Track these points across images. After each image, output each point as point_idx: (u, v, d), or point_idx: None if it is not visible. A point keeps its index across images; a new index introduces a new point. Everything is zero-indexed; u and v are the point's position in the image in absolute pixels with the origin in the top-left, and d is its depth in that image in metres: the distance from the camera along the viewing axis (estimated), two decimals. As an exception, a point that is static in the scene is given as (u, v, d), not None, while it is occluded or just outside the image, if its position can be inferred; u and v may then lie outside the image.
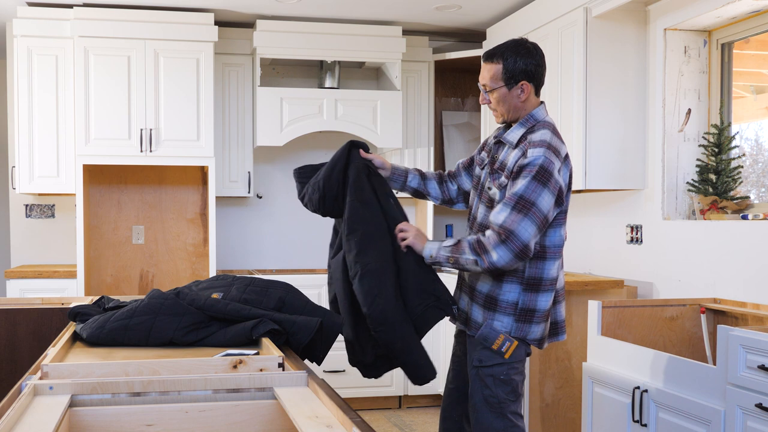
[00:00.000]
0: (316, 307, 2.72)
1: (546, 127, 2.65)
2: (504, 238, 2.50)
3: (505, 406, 2.69)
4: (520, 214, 2.50)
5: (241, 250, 5.65)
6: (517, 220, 2.49)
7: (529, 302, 2.65)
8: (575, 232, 4.81)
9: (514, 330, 2.66)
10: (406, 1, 4.85)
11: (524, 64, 2.67)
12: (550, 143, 2.58)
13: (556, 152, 2.58)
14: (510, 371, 2.69)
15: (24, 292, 4.74)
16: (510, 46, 2.70)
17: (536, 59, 2.69)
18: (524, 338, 2.67)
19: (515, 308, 2.66)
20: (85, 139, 4.84)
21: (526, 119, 2.70)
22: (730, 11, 3.65)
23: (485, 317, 2.70)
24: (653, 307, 3.54)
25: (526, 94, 2.69)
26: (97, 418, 1.73)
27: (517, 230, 2.49)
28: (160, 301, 2.48)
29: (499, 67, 2.68)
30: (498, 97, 2.71)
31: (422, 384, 2.79)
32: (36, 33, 4.90)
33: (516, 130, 2.70)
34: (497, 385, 2.69)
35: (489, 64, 2.71)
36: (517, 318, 2.66)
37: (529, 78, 2.68)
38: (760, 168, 4.06)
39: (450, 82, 5.86)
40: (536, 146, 2.57)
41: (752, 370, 2.64)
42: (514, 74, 2.66)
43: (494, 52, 2.71)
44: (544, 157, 2.53)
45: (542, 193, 2.51)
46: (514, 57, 2.66)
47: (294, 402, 1.72)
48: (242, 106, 5.36)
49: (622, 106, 4.16)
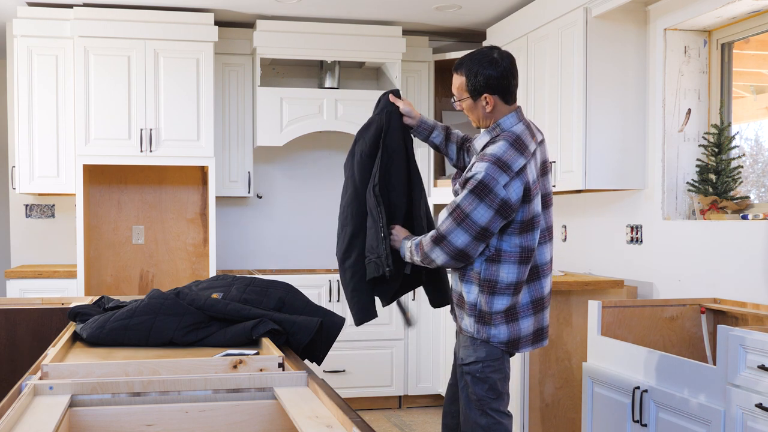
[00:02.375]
0: (316, 307, 2.72)
1: (506, 138, 2.66)
2: (437, 241, 2.65)
3: (485, 404, 2.73)
4: (454, 222, 2.62)
5: (241, 250, 5.65)
6: (451, 228, 2.62)
7: (485, 304, 2.69)
8: (575, 232, 4.81)
9: (476, 332, 2.72)
10: (406, 1, 4.85)
11: (485, 78, 2.69)
12: (500, 157, 2.61)
13: (505, 166, 2.60)
14: (485, 369, 2.73)
15: (24, 292, 4.74)
16: (475, 57, 2.72)
17: (499, 70, 2.69)
18: (488, 340, 2.71)
19: (475, 309, 2.72)
20: (85, 139, 4.84)
21: (492, 128, 2.74)
22: (730, 11, 3.65)
23: (458, 315, 2.81)
24: (653, 307, 3.54)
25: (491, 105, 2.72)
26: (97, 418, 1.73)
27: (449, 236, 2.63)
28: (160, 301, 2.48)
29: (463, 79, 2.74)
30: (466, 107, 2.78)
31: (356, 324, 2.90)
32: (36, 33, 4.90)
33: (481, 137, 2.76)
34: (475, 383, 2.74)
35: (456, 74, 2.78)
36: (477, 319, 2.71)
37: (491, 90, 2.70)
38: (760, 168, 4.06)
39: (450, 82, 5.80)
40: (484, 160, 2.62)
41: (752, 370, 2.64)
42: (477, 87, 2.71)
43: (459, 63, 2.76)
44: (485, 173, 2.58)
45: (479, 207, 2.59)
46: (476, 69, 2.69)
47: (294, 402, 1.72)
48: (242, 106, 5.36)
49: (622, 106, 4.15)
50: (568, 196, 4.82)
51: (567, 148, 4.24)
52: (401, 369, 5.22)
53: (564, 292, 4.13)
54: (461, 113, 5.91)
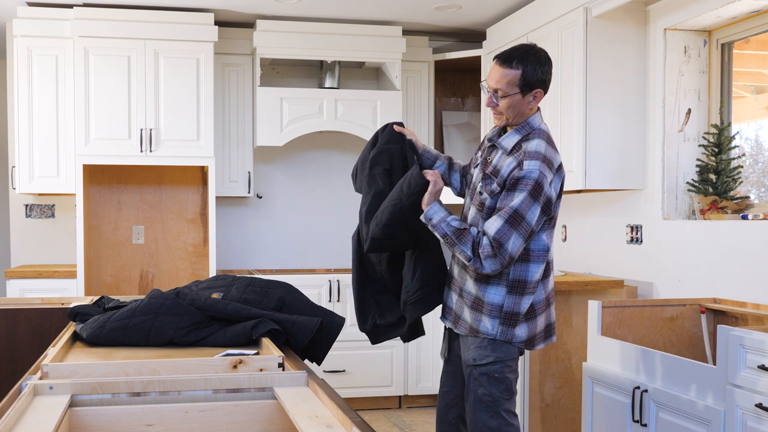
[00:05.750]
0: (316, 307, 2.72)
1: (541, 136, 2.66)
2: (495, 252, 2.55)
3: (499, 405, 2.71)
4: (512, 228, 2.54)
5: (241, 250, 5.65)
6: (508, 234, 2.54)
7: (514, 305, 2.67)
8: (575, 232, 4.81)
9: (499, 333, 2.68)
10: (406, 1, 4.85)
11: (542, 73, 2.65)
12: (545, 155, 2.60)
13: (550, 164, 2.60)
14: (504, 369, 2.71)
15: (24, 292, 4.74)
16: (528, 51, 2.66)
17: (549, 67, 2.69)
18: (510, 341, 2.69)
19: (500, 311, 2.67)
20: (85, 139, 4.84)
21: (522, 126, 2.69)
22: (730, 11, 3.65)
23: (473, 318, 2.72)
24: (653, 307, 3.54)
25: (537, 101, 2.69)
26: (97, 418, 1.73)
27: (507, 244, 2.54)
28: (160, 301, 2.48)
29: (518, 73, 2.63)
30: (510, 103, 2.66)
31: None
32: (36, 33, 4.90)
33: (511, 136, 2.69)
34: (491, 384, 2.70)
35: (506, 69, 2.65)
36: (502, 321, 2.67)
37: (543, 86, 2.68)
38: (760, 168, 4.06)
39: (450, 82, 5.86)
40: (532, 158, 2.58)
41: (752, 370, 2.64)
42: (531, 82, 2.64)
43: (512, 57, 2.65)
44: (539, 172, 2.56)
45: (533, 207, 2.55)
46: (534, 65, 2.64)
47: (294, 402, 1.72)
48: (242, 106, 5.36)
49: (622, 106, 4.15)
50: (568, 196, 4.81)
51: (567, 148, 4.24)
52: (401, 369, 5.22)
53: (564, 292, 4.13)
54: (461, 113, 5.94)
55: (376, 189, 2.83)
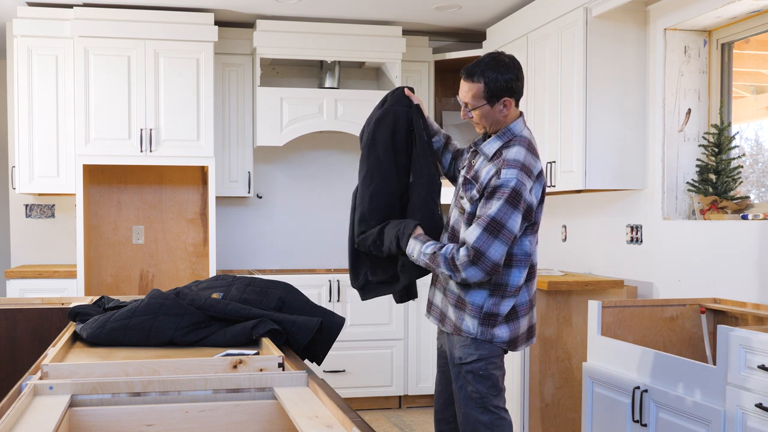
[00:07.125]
0: (316, 307, 2.72)
1: (522, 143, 2.69)
2: (475, 260, 2.57)
3: (487, 401, 2.76)
4: (491, 236, 2.57)
5: (241, 250, 5.65)
6: (488, 242, 2.57)
7: (493, 307, 2.71)
8: (575, 232, 4.81)
9: (479, 333, 2.73)
10: (406, 1, 4.85)
11: (505, 81, 2.69)
12: (524, 163, 2.63)
13: (529, 172, 2.63)
14: (488, 366, 2.75)
15: (24, 292, 4.74)
16: (488, 63, 2.71)
17: (514, 73, 2.71)
18: (491, 341, 2.74)
19: (480, 311, 2.72)
20: (85, 139, 4.84)
21: (503, 132, 2.73)
22: (730, 11, 3.65)
23: (457, 317, 2.78)
24: (653, 307, 3.54)
25: (508, 108, 2.73)
26: (97, 418, 1.73)
27: (487, 252, 2.57)
28: (160, 301, 2.48)
29: (480, 86, 2.71)
30: (481, 114, 2.75)
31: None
32: (36, 33, 4.90)
33: (492, 143, 2.74)
34: (478, 381, 2.75)
35: (470, 82, 2.74)
36: (482, 321, 2.72)
37: (510, 93, 2.71)
38: (760, 168, 4.06)
39: (450, 82, 5.86)
40: (510, 166, 2.61)
41: (752, 370, 2.64)
42: (496, 92, 2.70)
43: (473, 71, 2.72)
44: (517, 180, 2.59)
45: (513, 215, 2.58)
46: (495, 74, 2.69)
47: (294, 402, 1.72)
48: (242, 106, 5.36)
49: (622, 106, 4.15)
50: (568, 196, 4.82)
51: (567, 148, 4.24)
52: (401, 369, 5.22)
53: (564, 292, 4.13)
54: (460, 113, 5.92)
55: (375, 159, 2.86)
